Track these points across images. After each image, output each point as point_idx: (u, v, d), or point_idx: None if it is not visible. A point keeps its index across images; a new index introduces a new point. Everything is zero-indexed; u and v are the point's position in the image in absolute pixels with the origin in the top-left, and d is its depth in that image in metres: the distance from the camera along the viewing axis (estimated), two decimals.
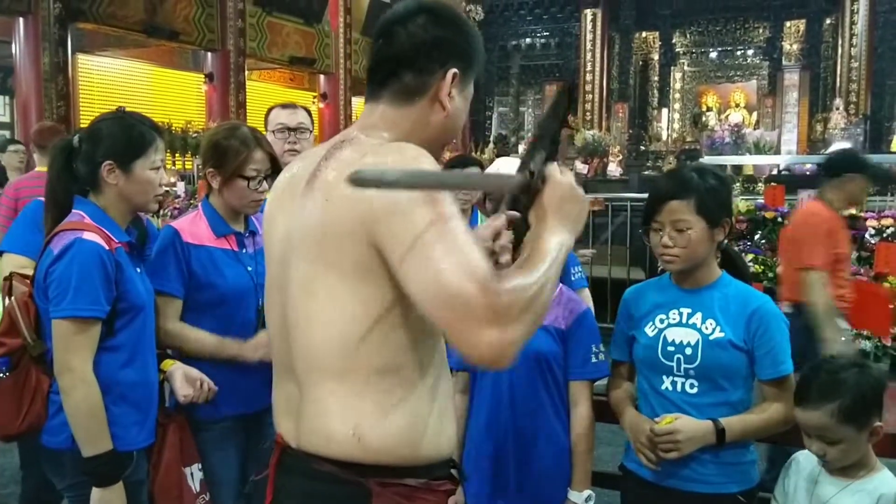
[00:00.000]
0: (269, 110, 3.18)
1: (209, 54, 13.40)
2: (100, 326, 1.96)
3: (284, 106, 3.20)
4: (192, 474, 2.20)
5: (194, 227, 2.32)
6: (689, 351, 1.93)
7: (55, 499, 2.74)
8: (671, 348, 1.95)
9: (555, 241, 1.27)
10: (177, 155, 12.23)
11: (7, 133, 13.03)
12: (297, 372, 1.37)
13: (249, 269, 2.36)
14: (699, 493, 1.94)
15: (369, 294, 1.27)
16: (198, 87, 14.19)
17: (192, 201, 8.75)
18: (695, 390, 1.94)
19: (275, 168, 2.38)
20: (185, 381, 2.16)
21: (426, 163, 1.26)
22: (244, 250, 2.39)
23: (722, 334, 1.91)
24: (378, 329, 1.29)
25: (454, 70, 1.40)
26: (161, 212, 8.98)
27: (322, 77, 16.17)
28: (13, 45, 10.30)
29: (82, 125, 11.45)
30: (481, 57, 1.47)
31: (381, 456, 1.32)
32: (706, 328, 1.93)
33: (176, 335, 2.24)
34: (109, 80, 13.84)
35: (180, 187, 9.18)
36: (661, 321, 1.99)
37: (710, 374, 1.92)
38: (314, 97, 16.46)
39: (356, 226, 1.24)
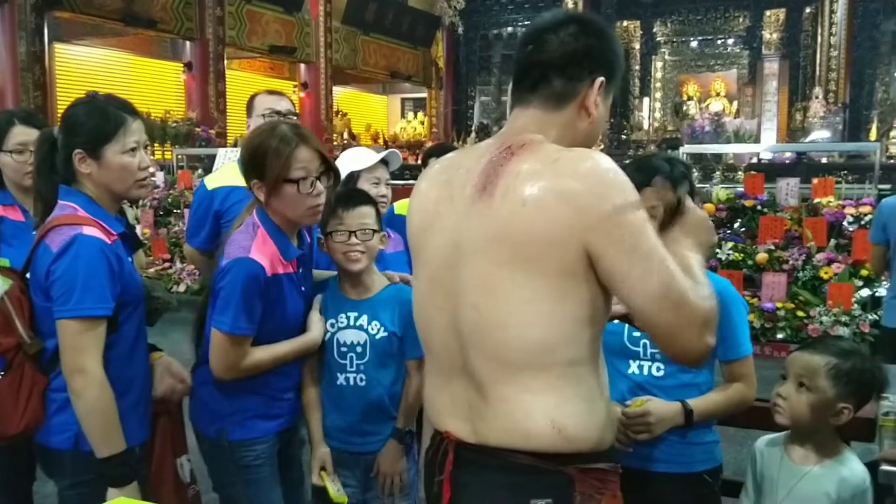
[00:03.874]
0: (254, 96, 3.18)
1: (188, 43, 13.29)
2: (106, 324, 1.89)
3: (270, 92, 3.22)
4: (181, 465, 2.17)
5: (266, 254, 2.04)
6: None
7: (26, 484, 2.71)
8: (637, 333, 1.99)
9: (696, 259, 1.42)
10: (155, 144, 12.13)
11: None
12: (478, 372, 1.43)
13: (303, 289, 2.21)
14: (667, 472, 1.99)
15: (573, 295, 1.35)
16: (176, 76, 14.06)
17: (170, 192, 8.68)
18: (661, 373, 1.99)
19: (327, 166, 2.09)
20: (164, 376, 2.13)
21: (621, 176, 1.34)
22: (301, 269, 2.20)
23: None
24: (575, 326, 1.38)
25: (601, 79, 1.46)
26: (140, 202, 8.92)
27: (302, 66, 16.06)
28: None
29: (60, 115, 11.38)
30: (622, 68, 1.53)
31: (579, 444, 1.40)
32: None
33: (253, 365, 2.08)
34: (87, 70, 13.67)
35: (159, 177, 9.09)
36: (627, 309, 1.99)
37: None
38: (294, 86, 16.35)
39: (563, 232, 1.31)
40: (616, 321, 1.97)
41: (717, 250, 6.28)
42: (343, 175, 2.74)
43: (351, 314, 2.28)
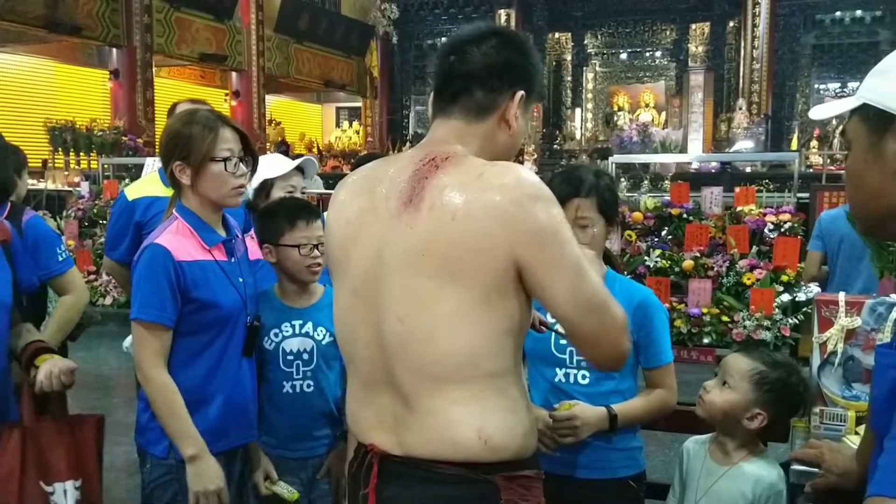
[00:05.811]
0: (175, 105, 3.15)
1: (114, 50, 13.01)
2: None
3: (193, 101, 3.17)
4: (65, 491, 2.03)
5: (181, 241, 2.06)
6: None
7: None
8: (563, 341, 2.01)
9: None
10: (81, 154, 11.83)
11: None
12: (403, 384, 1.43)
13: (241, 280, 2.15)
14: (592, 478, 2.02)
15: (498, 307, 1.38)
16: (103, 84, 13.76)
17: (96, 202, 8.47)
18: (587, 381, 2.02)
19: (247, 149, 2.15)
20: (45, 366, 2.02)
21: (544, 188, 1.38)
22: (233, 259, 2.16)
23: None
24: (499, 338, 1.41)
25: (521, 92, 1.48)
26: (64, 213, 8.69)
27: (234, 74, 15.87)
28: None
29: None
30: (542, 82, 1.57)
31: (504, 453, 1.42)
32: None
33: (162, 384, 2.00)
34: (10, 78, 13.31)
35: (84, 187, 8.87)
36: (553, 316, 2.03)
37: None
38: (226, 94, 16.16)
39: (492, 245, 1.34)
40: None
41: (646, 258, 6.42)
42: (256, 183, 2.73)
43: (295, 322, 2.30)
